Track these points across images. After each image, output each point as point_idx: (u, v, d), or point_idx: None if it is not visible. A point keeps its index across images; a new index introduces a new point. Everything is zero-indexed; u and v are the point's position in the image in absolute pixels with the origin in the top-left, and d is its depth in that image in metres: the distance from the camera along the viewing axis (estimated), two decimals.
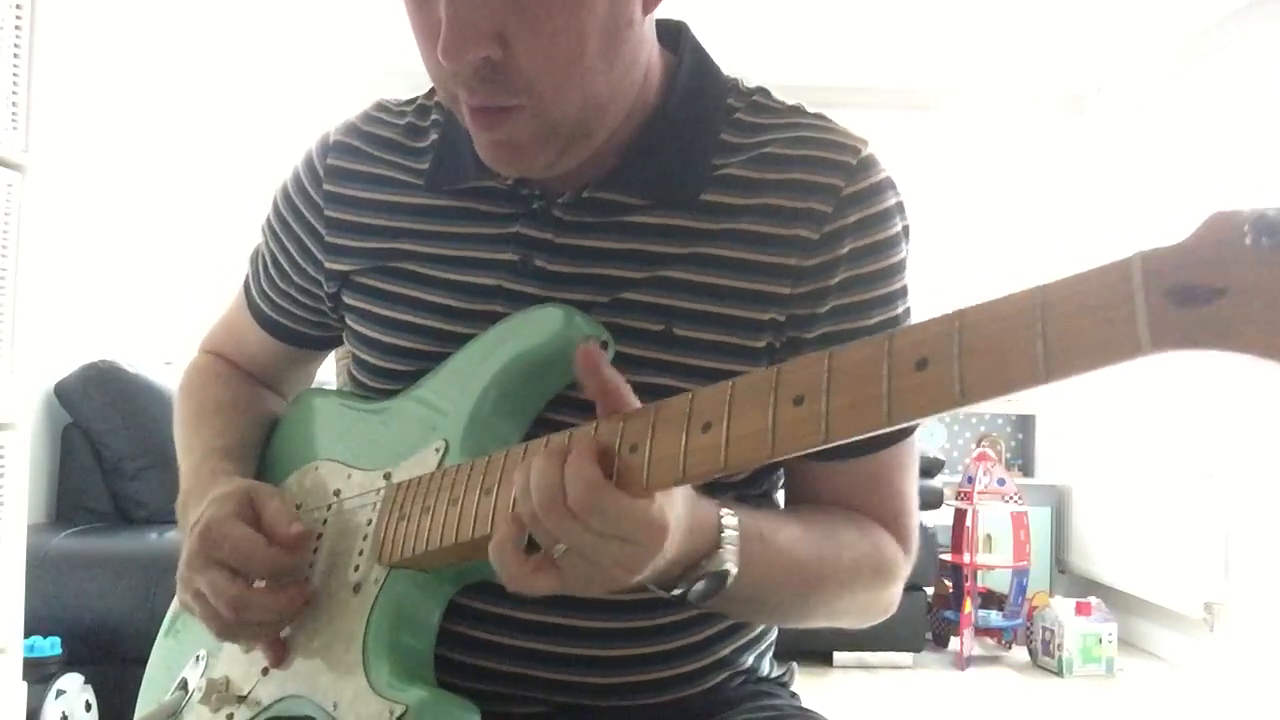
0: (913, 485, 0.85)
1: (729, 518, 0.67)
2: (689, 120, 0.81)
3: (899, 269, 0.82)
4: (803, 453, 0.54)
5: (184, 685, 0.86)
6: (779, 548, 0.72)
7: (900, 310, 0.82)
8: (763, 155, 0.81)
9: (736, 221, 0.79)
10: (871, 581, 0.80)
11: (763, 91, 0.86)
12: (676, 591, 0.66)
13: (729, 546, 0.66)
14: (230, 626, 0.76)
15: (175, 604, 0.94)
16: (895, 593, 0.83)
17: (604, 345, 0.75)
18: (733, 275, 0.79)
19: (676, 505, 0.62)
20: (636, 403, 0.64)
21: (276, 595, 0.76)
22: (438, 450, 0.77)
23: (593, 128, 0.76)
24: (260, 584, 0.76)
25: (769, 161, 0.81)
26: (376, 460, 0.82)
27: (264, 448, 0.96)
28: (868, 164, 0.81)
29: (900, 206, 0.82)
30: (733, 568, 0.66)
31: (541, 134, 0.74)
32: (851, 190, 0.79)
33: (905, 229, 0.83)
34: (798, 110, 0.84)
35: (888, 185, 0.82)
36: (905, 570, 0.83)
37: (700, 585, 0.65)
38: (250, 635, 0.78)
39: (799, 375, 0.55)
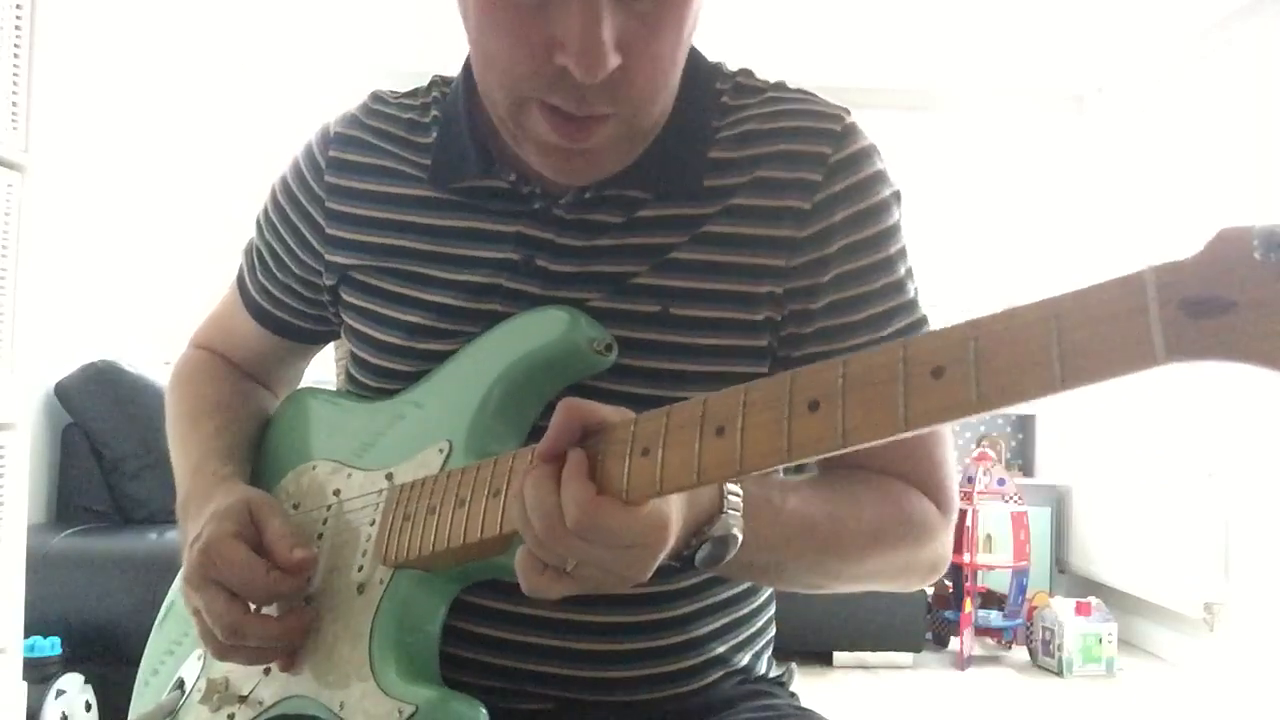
0: (943, 447, 0.84)
1: (731, 484, 0.67)
2: (684, 111, 0.81)
3: (895, 232, 0.83)
4: (821, 456, 0.54)
5: (180, 685, 0.85)
6: (791, 510, 0.72)
7: (903, 271, 0.83)
8: (744, 133, 0.82)
9: (731, 199, 0.80)
10: (900, 539, 0.80)
11: (745, 73, 0.87)
12: (685, 556, 0.66)
13: (732, 513, 0.66)
14: (225, 649, 0.75)
15: (170, 596, 0.94)
16: (937, 551, 0.83)
17: (608, 349, 0.75)
18: (729, 251, 0.79)
19: (672, 497, 0.62)
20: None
21: (273, 624, 0.75)
22: (441, 451, 0.77)
23: (659, 124, 0.77)
24: (259, 608, 0.76)
25: (751, 138, 0.81)
26: (377, 460, 0.82)
27: (257, 447, 0.95)
28: (852, 130, 0.82)
29: (887, 173, 0.83)
30: (738, 533, 0.66)
31: (623, 139, 0.74)
32: (839, 157, 0.80)
33: (896, 194, 0.84)
34: (779, 85, 0.85)
35: (873, 151, 0.83)
36: (943, 527, 0.83)
37: (705, 550, 0.66)
38: (245, 658, 0.77)
39: (813, 380, 0.55)
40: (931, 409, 0.50)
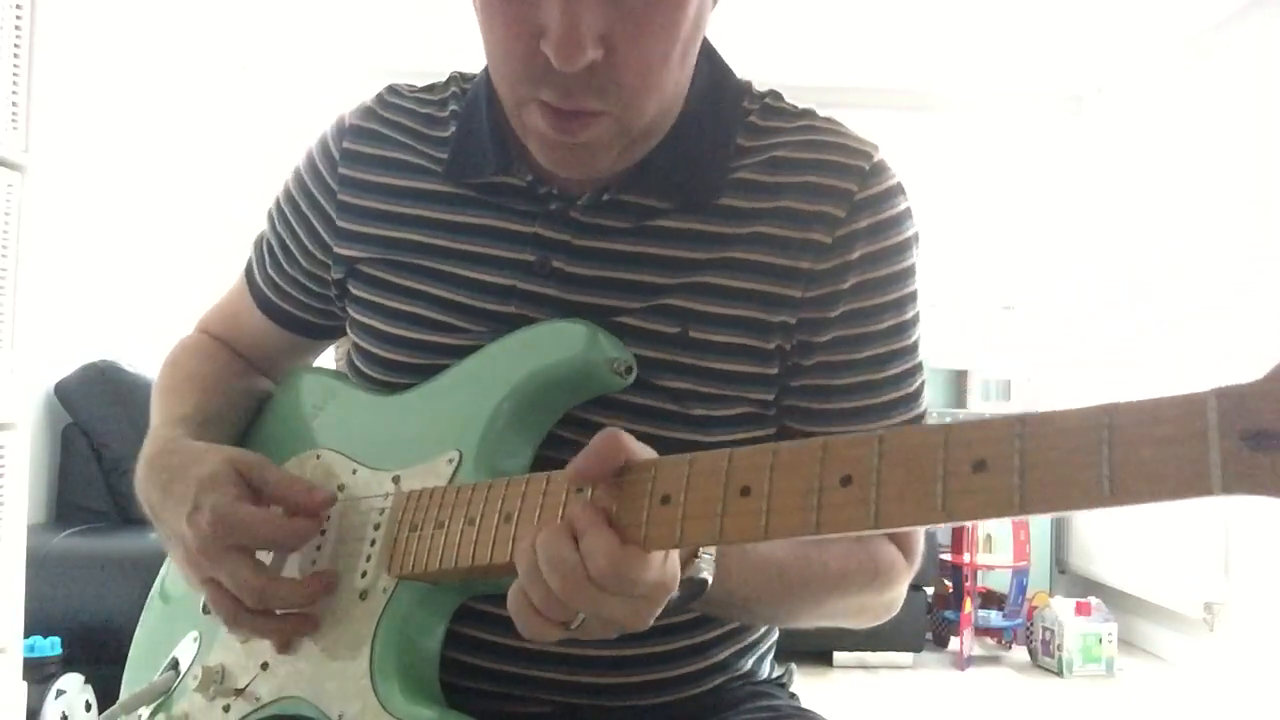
0: None
1: None
2: (708, 124, 0.81)
3: (909, 274, 0.83)
4: (847, 535, 0.53)
5: (175, 665, 0.84)
6: (761, 555, 0.72)
7: (910, 315, 0.83)
8: (774, 159, 0.81)
9: (753, 225, 0.80)
10: (864, 585, 0.80)
11: (774, 94, 0.86)
12: None
13: (705, 557, 0.66)
14: (246, 617, 0.74)
15: (162, 573, 0.94)
16: (895, 596, 0.83)
17: (627, 370, 0.74)
18: (749, 278, 0.79)
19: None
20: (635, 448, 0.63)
21: (298, 586, 0.74)
22: (450, 461, 0.76)
23: (657, 129, 0.77)
24: (287, 571, 0.76)
25: (781, 165, 0.81)
26: (384, 459, 0.80)
27: (255, 427, 0.94)
28: (880, 169, 0.82)
29: (910, 212, 0.83)
30: (708, 576, 0.66)
31: (617, 137, 0.74)
32: (865, 195, 0.80)
33: (915, 235, 0.84)
34: (809, 114, 0.85)
35: (899, 190, 0.82)
36: (905, 574, 0.83)
37: (675, 594, 0.65)
38: (262, 628, 0.75)
39: (847, 454, 0.53)
40: (972, 506, 0.48)
